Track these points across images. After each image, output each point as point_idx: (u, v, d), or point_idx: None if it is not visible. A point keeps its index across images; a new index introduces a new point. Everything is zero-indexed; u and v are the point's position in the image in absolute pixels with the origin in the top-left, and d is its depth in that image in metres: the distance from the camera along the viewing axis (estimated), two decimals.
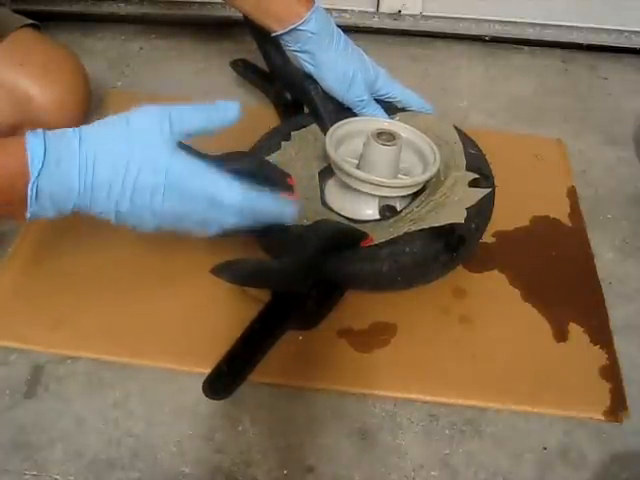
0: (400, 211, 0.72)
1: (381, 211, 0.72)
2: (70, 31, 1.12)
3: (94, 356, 0.66)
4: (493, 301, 0.73)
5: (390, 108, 0.80)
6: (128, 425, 0.62)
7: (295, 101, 0.86)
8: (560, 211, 0.83)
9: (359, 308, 0.70)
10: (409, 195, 0.73)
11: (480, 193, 0.70)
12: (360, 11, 1.14)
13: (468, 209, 0.68)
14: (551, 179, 0.88)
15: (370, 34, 1.13)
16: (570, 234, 0.80)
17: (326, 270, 0.65)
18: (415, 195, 0.73)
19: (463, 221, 0.66)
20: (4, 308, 0.69)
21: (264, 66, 0.88)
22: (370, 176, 0.69)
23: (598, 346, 0.69)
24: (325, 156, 0.75)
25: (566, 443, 0.62)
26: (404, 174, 0.74)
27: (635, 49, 1.12)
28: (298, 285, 0.64)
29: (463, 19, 1.13)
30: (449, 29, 1.13)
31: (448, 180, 0.72)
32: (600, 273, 0.76)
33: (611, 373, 0.67)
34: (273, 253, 0.68)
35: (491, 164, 0.75)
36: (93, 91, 0.83)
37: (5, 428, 0.61)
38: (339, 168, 0.71)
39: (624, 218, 0.84)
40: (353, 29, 1.09)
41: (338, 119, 0.77)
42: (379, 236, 0.66)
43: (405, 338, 0.69)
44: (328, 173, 0.76)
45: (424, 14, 1.14)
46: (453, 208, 0.68)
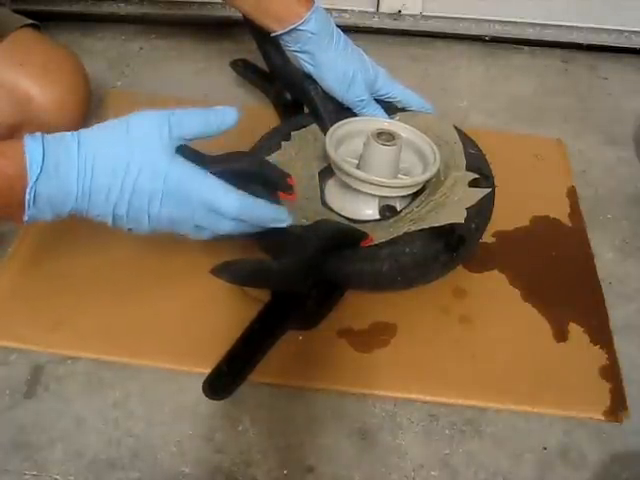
0: (400, 211, 0.72)
1: (381, 211, 0.72)
2: (70, 31, 1.12)
3: (94, 356, 0.66)
4: (493, 301, 0.73)
5: (390, 108, 0.80)
6: (128, 425, 0.62)
7: (295, 101, 0.85)
8: (560, 211, 0.83)
9: (359, 308, 0.70)
10: (409, 195, 0.73)
11: (480, 193, 0.70)
12: (360, 11, 1.14)
13: (468, 209, 0.68)
14: (551, 179, 0.88)
15: (370, 34, 1.13)
16: (570, 234, 0.80)
17: (326, 270, 0.65)
18: (415, 195, 0.73)
19: (463, 221, 0.66)
20: (4, 308, 0.69)
21: (264, 66, 0.88)
22: (370, 176, 0.69)
23: (598, 346, 0.69)
24: (325, 156, 0.75)
25: (566, 443, 0.62)
26: (404, 174, 0.74)
27: (635, 49, 1.12)
28: (298, 285, 0.64)
29: (463, 19, 1.13)
30: (449, 29, 1.13)
31: (448, 180, 0.72)
32: (600, 273, 0.76)
33: (611, 373, 0.67)
34: (273, 253, 0.68)
35: (491, 164, 0.75)
36: (93, 91, 0.83)
37: (5, 428, 0.61)
38: (339, 168, 0.71)
39: (624, 218, 0.84)
40: (353, 29, 1.09)
41: (338, 119, 0.77)
42: (379, 236, 0.66)
43: (405, 338, 0.69)
44: (328, 173, 0.76)
45: (424, 14, 1.14)
46: (453, 208, 0.68)
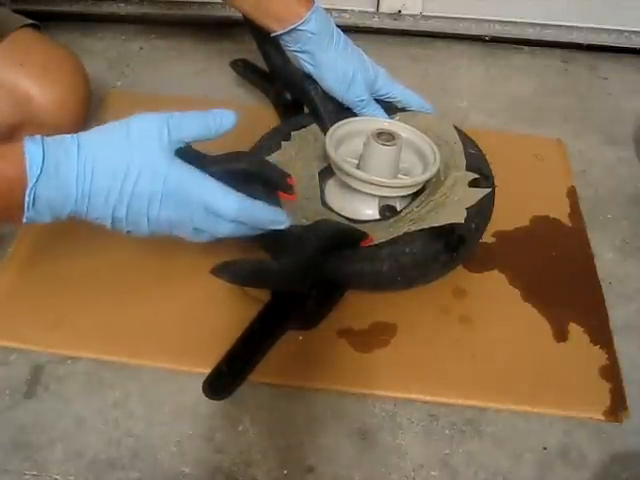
0: (400, 211, 0.72)
1: (381, 211, 0.72)
2: (70, 31, 1.12)
3: (94, 356, 0.66)
4: (493, 301, 0.73)
5: (390, 108, 0.80)
6: (128, 425, 0.62)
7: (295, 101, 0.85)
8: (560, 211, 0.83)
9: (359, 308, 0.70)
10: (409, 195, 0.73)
11: (480, 193, 0.70)
12: (360, 11, 1.14)
13: (468, 209, 0.68)
14: (551, 179, 0.88)
15: (370, 34, 1.13)
16: (570, 234, 0.80)
17: (326, 270, 0.65)
18: (415, 195, 0.73)
19: (463, 221, 0.66)
20: (4, 308, 0.69)
21: (264, 66, 0.88)
22: (370, 176, 0.69)
23: (598, 346, 0.69)
24: (325, 156, 0.75)
25: (566, 443, 0.62)
26: (404, 174, 0.74)
27: (635, 49, 1.12)
28: (298, 285, 0.64)
29: (463, 19, 1.13)
30: (449, 29, 1.13)
31: (448, 180, 0.72)
32: (600, 273, 0.76)
33: (611, 373, 0.67)
34: (273, 253, 0.68)
35: (491, 164, 0.75)
36: (93, 91, 0.83)
37: (5, 428, 0.61)
38: (339, 168, 0.71)
39: (624, 218, 0.84)
40: (353, 29, 1.09)
41: (338, 119, 0.76)
42: (379, 236, 0.66)
43: (405, 338, 0.69)
44: (328, 173, 0.76)
45: (424, 14, 1.14)
46: (453, 208, 0.68)
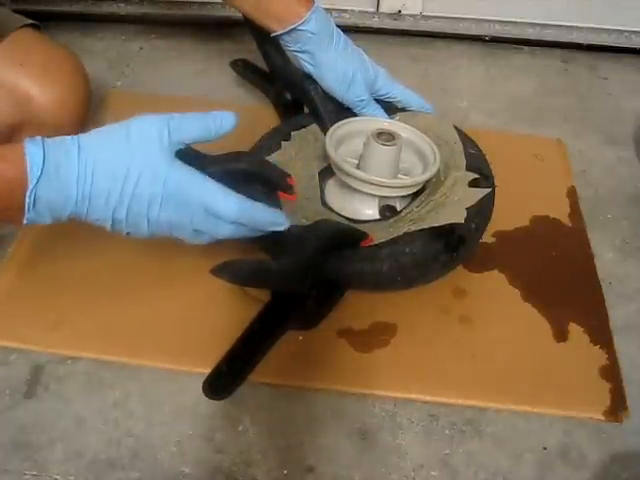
0: (400, 211, 0.72)
1: (381, 211, 0.72)
2: (70, 31, 1.12)
3: (94, 356, 0.66)
4: (493, 301, 0.73)
5: (390, 108, 0.80)
6: (128, 425, 0.62)
7: (295, 101, 0.85)
8: (560, 211, 0.83)
9: (359, 308, 0.70)
10: (409, 195, 0.73)
11: (480, 193, 0.70)
12: (360, 11, 1.14)
13: (468, 209, 0.68)
14: (551, 179, 0.88)
15: (370, 34, 1.13)
16: (570, 234, 0.80)
17: (326, 270, 0.65)
18: (415, 195, 0.73)
19: (463, 221, 0.66)
20: (4, 309, 0.69)
21: (264, 66, 0.88)
22: (370, 176, 0.69)
23: (598, 346, 0.69)
24: (325, 156, 0.75)
25: (566, 443, 0.62)
26: (404, 174, 0.74)
27: (635, 49, 1.12)
28: (298, 285, 0.64)
29: (463, 19, 1.13)
30: (449, 29, 1.13)
31: (448, 180, 0.72)
32: (600, 273, 0.76)
33: (611, 373, 0.67)
34: (273, 253, 0.68)
35: (491, 164, 0.75)
36: (93, 91, 0.83)
37: (5, 428, 0.61)
38: (339, 168, 0.71)
39: (624, 218, 0.84)
40: (353, 29, 1.09)
41: (338, 119, 0.76)
42: (379, 236, 0.66)
43: (405, 338, 0.69)
44: (328, 173, 0.76)
45: (424, 14, 1.14)
46: (453, 208, 0.68)
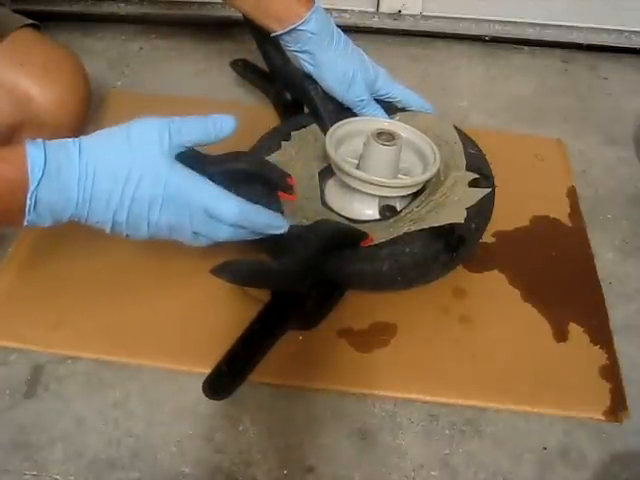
0: (400, 211, 0.72)
1: (381, 211, 0.72)
2: (70, 31, 1.12)
3: (94, 356, 0.66)
4: (493, 301, 0.73)
5: (390, 108, 0.80)
6: (128, 425, 0.62)
7: (295, 101, 0.85)
8: (560, 211, 0.83)
9: (359, 308, 0.70)
10: (409, 195, 0.73)
11: (480, 193, 0.70)
12: (360, 11, 1.14)
13: (468, 209, 0.67)
14: (551, 179, 0.88)
15: (370, 34, 1.13)
16: (570, 234, 0.80)
17: (326, 270, 0.65)
18: (415, 195, 0.73)
19: (463, 221, 0.66)
20: (4, 308, 0.69)
21: (264, 66, 0.88)
22: (370, 176, 0.69)
23: (598, 346, 0.69)
24: (325, 156, 0.75)
25: (566, 443, 0.62)
26: (404, 174, 0.74)
27: (635, 49, 1.12)
28: (298, 285, 0.64)
29: (463, 19, 1.13)
30: (449, 29, 1.13)
31: (448, 180, 0.72)
32: (600, 273, 0.76)
33: (611, 373, 0.67)
34: (273, 253, 0.68)
35: (491, 164, 0.75)
36: (93, 91, 0.83)
37: (5, 428, 0.61)
38: (339, 168, 0.71)
39: (624, 218, 0.84)
40: (353, 29, 1.09)
41: (338, 119, 0.76)
42: (379, 236, 0.66)
43: (405, 338, 0.69)
44: (328, 173, 0.76)
45: (424, 14, 1.14)
46: (453, 208, 0.68)
